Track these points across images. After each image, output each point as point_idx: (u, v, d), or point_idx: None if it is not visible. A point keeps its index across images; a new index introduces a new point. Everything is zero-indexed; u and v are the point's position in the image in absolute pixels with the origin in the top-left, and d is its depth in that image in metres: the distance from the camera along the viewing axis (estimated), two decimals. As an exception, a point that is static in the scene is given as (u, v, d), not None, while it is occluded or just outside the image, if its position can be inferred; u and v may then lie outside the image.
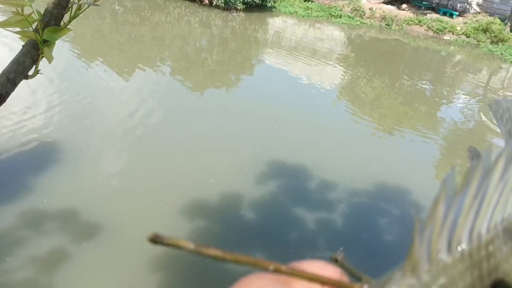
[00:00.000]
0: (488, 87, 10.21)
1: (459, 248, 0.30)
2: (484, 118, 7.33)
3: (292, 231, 3.63)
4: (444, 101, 8.49)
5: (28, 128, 4.51)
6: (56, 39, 0.88)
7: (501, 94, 9.59)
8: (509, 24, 14.72)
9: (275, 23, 13.50)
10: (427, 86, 9.18)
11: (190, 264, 3.09)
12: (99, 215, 3.38)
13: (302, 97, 7.14)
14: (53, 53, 0.91)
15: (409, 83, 9.14)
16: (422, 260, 0.28)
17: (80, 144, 4.37)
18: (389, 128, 6.41)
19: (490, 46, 14.09)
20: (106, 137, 4.67)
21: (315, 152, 5.02)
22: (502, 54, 13.44)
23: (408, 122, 6.80)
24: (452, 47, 13.85)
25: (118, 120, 5.09)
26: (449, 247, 0.29)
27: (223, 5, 12.99)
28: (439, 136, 6.37)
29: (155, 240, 0.27)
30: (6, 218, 3.24)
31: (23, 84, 0.90)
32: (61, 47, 7.00)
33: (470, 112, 7.69)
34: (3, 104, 0.88)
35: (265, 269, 0.32)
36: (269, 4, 14.34)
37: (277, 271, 0.32)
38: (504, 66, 12.44)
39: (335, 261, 0.42)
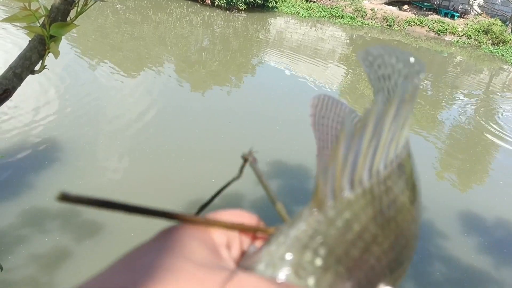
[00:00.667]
0: (490, 87, 10.21)
1: (361, 184, 0.32)
2: (477, 118, 7.33)
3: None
4: (445, 101, 8.49)
5: (30, 127, 4.51)
6: (63, 35, 0.88)
7: (499, 95, 9.59)
8: (510, 26, 14.72)
9: (277, 23, 13.51)
10: (428, 87, 9.18)
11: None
12: (101, 214, 3.37)
13: (303, 97, 7.13)
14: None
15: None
16: (327, 197, 0.30)
17: (81, 143, 4.37)
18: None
19: (491, 48, 14.10)
20: (107, 136, 4.67)
21: (315, 152, 5.01)
22: (503, 55, 13.44)
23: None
24: (453, 48, 13.86)
25: (120, 119, 5.09)
26: (352, 185, 0.31)
27: (225, 5, 13.00)
28: (439, 136, 6.37)
29: (63, 198, 0.27)
30: (7, 217, 3.23)
31: (24, 83, 0.90)
32: (62, 47, 7.00)
33: (470, 112, 7.69)
34: (4, 102, 0.88)
35: (181, 221, 0.33)
36: (271, 4, 14.35)
37: (193, 222, 0.33)
38: (505, 67, 12.44)
39: (244, 160, 0.46)
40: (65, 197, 0.27)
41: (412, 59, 0.41)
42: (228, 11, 13.13)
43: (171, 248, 0.30)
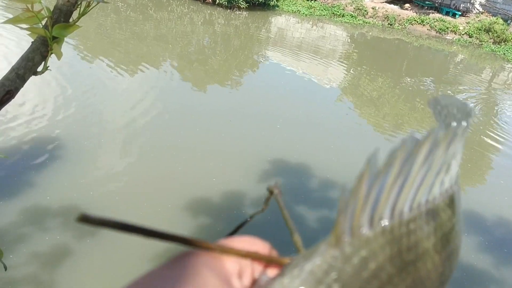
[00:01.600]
0: (492, 84, 10.21)
1: (380, 224, 0.31)
2: (479, 116, 7.32)
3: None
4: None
5: (31, 125, 4.52)
6: (66, 36, 0.88)
7: (500, 93, 9.58)
8: (512, 24, 14.69)
9: (278, 21, 13.50)
10: (429, 85, 9.18)
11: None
12: (101, 213, 3.38)
13: (304, 95, 7.13)
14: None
15: (411, 81, 9.13)
16: (345, 233, 0.30)
17: (82, 141, 4.37)
18: (392, 127, 6.41)
19: (493, 46, 14.08)
20: (108, 134, 4.68)
21: (317, 151, 5.02)
22: (504, 54, 13.43)
23: (410, 121, 6.80)
24: (454, 47, 13.84)
25: (121, 117, 5.10)
26: (371, 222, 0.31)
27: (226, 3, 12.99)
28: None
29: (83, 219, 0.27)
30: (8, 215, 3.24)
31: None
32: (63, 44, 6.99)
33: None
34: (7, 103, 0.88)
35: (195, 247, 0.33)
36: (272, 3, 14.34)
37: (207, 248, 0.33)
38: (506, 66, 12.43)
39: (270, 192, 0.46)
40: (85, 219, 0.28)
41: (466, 106, 0.44)
42: (229, 9, 13.12)
43: (184, 278, 0.31)
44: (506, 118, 7.59)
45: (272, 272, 0.36)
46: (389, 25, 15.00)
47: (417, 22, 15.10)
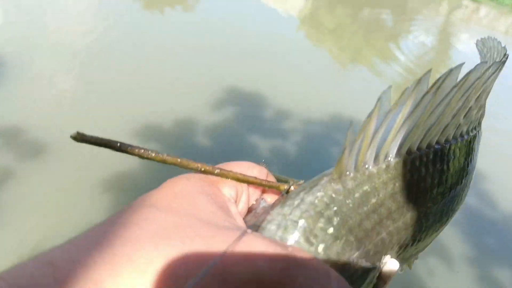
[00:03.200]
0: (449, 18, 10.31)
1: (385, 161, 0.33)
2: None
3: (246, 158, 3.63)
4: (404, 33, 8.51)
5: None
6: None
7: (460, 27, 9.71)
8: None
9: None
10: (387, 17, 9.15)
11: (142, 182, 3.05)
12: (47, 133, 3.24)
13: (261, 24, 6.94)
14: None
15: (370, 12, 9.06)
16: (349, 168, 0.31)
17: (28, 59, 4.10)
18: (348, 60, 6.41)
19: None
20: (55, 54, 4.39)
21: (272, 81, 4.96)
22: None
23: (365, 55, 6.81)
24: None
25: (71, 36, 4.79)
26: (376, 159, 0.32)
27: None
28: (396, 68, 6.44)
29: (79, 137, 0.28)
30: None
31: None
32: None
33: (428, 44, 7.78)
34: None
35: (192, 170, 0.33)
36: None
37: (204, 171, 0.33)
38: (463, 3, 12.52)
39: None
40: (81, 137, 0.30)
41: (504, 49, 0.47)
42: None
43: (179, 204, 0.29)
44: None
45: (270, 198, 0.37)
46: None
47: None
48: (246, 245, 0.26)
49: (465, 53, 8.00)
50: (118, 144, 0.30)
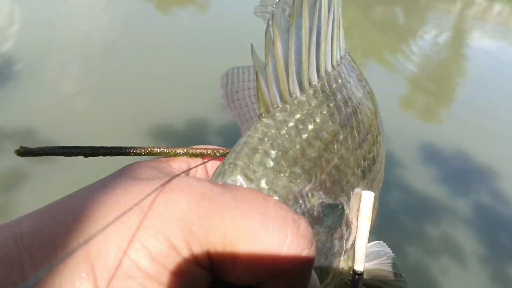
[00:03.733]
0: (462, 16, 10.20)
1: (311, 85, 0.32)
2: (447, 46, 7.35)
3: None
4: (417, 30, 8.44)
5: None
6: None
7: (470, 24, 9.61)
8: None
9: None
10: (400, 14, 9.08)
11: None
12: (59, 135, 3.27)
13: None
14: None
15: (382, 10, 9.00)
16: (274, 101, 0.30)
17: (39, 61, 4.14)
18: (361, 57, 6.36)
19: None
20: (66, 56, 4.44)
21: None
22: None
23: (378, 53, 6.76)
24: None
25: (81, 38, 4.83)
26: (301, 85, 0.31)
27: None
28: (408, 66, 6.38)
29: (23, 152, 0.28)
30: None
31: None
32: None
33: (439, 44, 7.70)
34: None
35: (140, 155, 0.36)
36: None
37: (151, 154, 0.35)
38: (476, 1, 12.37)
39: None
40: (27, 151, 0.30)
41: None
42: None
43: (123, 174, 0.30)
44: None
45: None
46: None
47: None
48: (173, 187, 0.26)
49: (478, 50, 7.90)
50: (68, 150, 0.32)
